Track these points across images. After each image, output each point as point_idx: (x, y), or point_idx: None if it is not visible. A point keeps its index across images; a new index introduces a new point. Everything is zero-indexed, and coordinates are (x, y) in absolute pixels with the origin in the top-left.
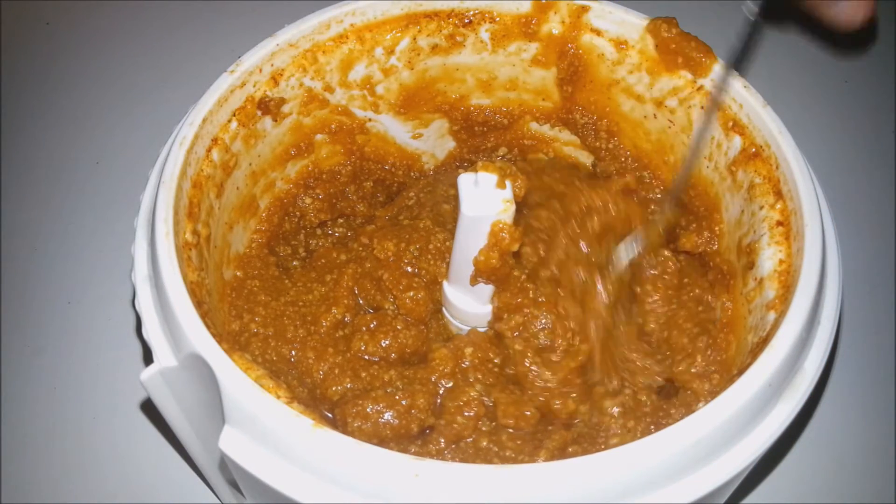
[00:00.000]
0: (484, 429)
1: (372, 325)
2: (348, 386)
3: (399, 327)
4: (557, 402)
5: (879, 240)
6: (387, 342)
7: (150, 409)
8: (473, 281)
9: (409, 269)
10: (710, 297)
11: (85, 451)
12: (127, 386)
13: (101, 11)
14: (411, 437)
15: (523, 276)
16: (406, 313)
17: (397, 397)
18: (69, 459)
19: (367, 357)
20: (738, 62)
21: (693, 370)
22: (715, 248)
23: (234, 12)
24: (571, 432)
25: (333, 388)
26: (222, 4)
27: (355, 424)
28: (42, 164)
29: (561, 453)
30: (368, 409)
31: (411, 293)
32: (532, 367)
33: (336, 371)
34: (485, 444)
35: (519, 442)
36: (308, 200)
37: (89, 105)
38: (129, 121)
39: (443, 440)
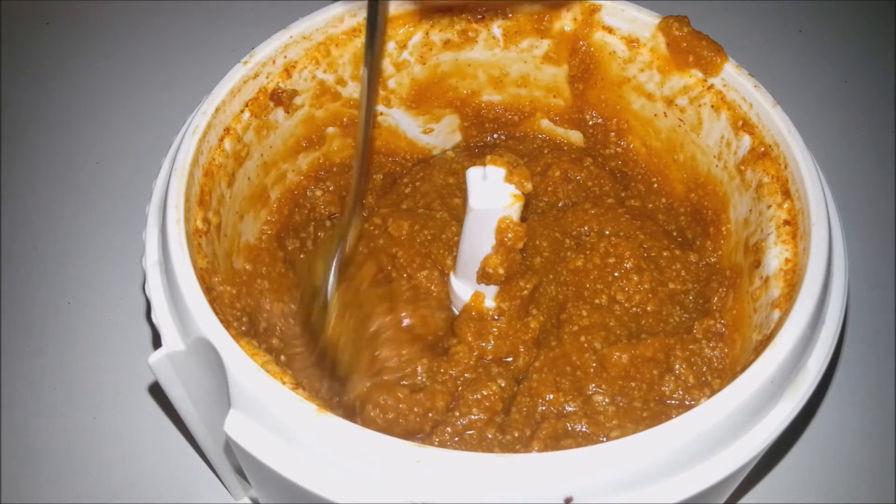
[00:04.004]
0: (497, 420)
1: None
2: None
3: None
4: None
5: (884, 240)
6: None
7: (157, 392)
8: (479, 280)
9: (422, 250)
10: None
11: (85, 450)
12: (128, 385)
13: (102, 11)
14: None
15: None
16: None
17: (419, 397)
18: (69, 459)
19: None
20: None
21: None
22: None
23: (241, 9)
24: (562, 422)
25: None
26: (223, 5)
27: (372, 414)
28: (42, 164)
29: (554, 444)
30: (388, 404)
31: (425, 272)
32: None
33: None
34: (485, 434)
35: (517, 434)
36: (318, 192)
37: (89, 105)
38: (130, 121)
39: (448, 430)
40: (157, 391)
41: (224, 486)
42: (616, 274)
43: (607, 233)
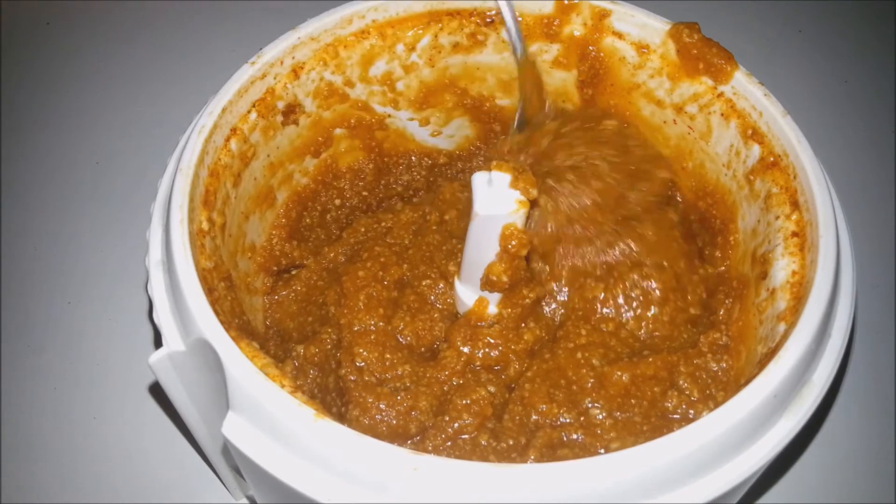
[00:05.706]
0: (489, 426)
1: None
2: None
3: (436, 316)
4: (543, 407)
5: (884, 240)
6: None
7: (157, 392)
8: (483, 287)
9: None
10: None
11: (85, 450)
12: (128, 385)
13: (102, 11)
14: (409, 436)
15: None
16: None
17: (399, 398)
18: (69, 459)
19: (400, 338)
20: None
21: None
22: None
23: (248, 10)
24: (558, 432)
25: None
26: (230, 5)
27: (354, 413)
28: (42, 164)
29: (551, 453)
30: (369, 402)
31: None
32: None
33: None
34: (478, 441)
35: (511, 442)
36: (338, 202)
37: (89, 105)
38: (129, 121)
39: (441, 435)
40: (157, 391)
41: (224, 486)
42: (635, 304)
43: (635, 250)
